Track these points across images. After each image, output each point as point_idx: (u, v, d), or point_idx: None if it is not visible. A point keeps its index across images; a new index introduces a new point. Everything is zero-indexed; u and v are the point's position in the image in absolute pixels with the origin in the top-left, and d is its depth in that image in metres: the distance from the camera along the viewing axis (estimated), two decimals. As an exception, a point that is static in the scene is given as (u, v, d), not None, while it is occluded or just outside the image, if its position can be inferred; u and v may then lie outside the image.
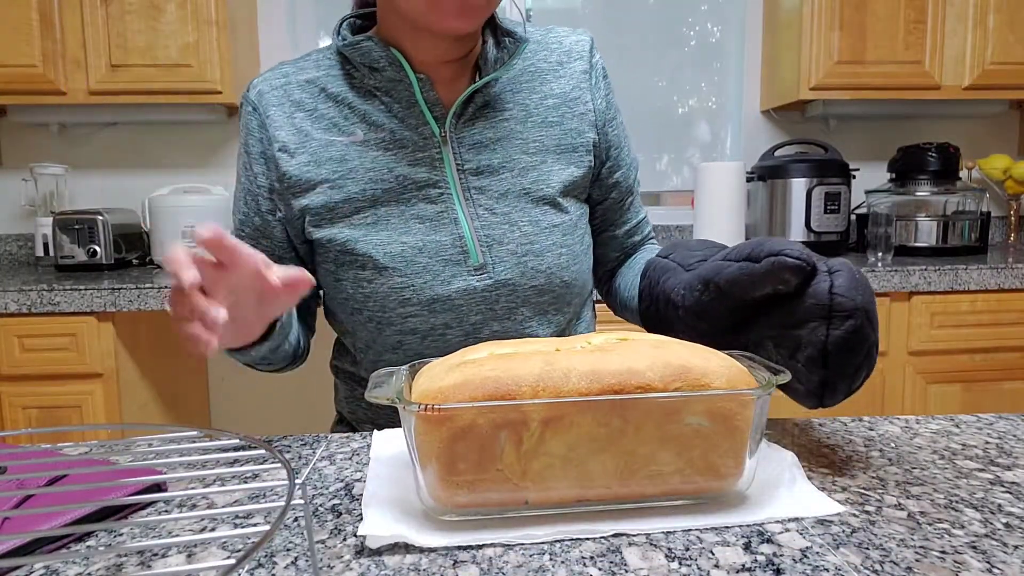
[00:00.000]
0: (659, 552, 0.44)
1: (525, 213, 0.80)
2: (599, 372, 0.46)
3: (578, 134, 0.83)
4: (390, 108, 0.79)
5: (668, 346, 0.50)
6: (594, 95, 0.85)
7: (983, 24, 2.01)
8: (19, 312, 1.63)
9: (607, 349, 0.49)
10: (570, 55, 0.85)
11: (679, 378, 0.46)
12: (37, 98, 1.91)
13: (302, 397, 2.33)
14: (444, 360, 0.52)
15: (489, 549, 0.44)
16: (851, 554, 0.43)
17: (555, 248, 0.80)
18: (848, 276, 0.56)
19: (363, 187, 0.77)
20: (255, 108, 0.81)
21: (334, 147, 0.78)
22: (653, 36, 2.34)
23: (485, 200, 0.79)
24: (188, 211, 1.97)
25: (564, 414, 0.45)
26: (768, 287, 0.58)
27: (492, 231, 0.78)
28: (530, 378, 0.46)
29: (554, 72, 0.84)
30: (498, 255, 0.78)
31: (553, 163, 0.82)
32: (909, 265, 1.78)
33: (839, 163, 2.02)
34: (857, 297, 0.55)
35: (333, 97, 0.80)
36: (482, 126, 0.80)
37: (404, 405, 0.45)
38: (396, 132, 0.78)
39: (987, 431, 0.65)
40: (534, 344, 0.52)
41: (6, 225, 2.27)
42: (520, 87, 0.83)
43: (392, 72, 0.77)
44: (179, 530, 0.49)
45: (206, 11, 1.89)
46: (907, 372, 1.81)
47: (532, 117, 0.82)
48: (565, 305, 0.84)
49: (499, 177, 0.79)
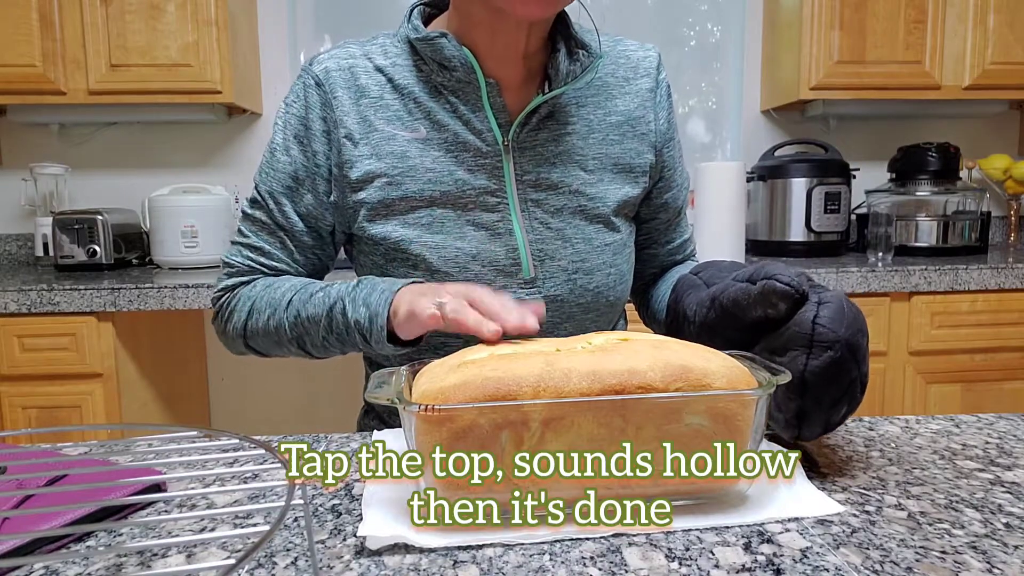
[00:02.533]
0: (659, 552, 0.44)
1: (579, 230, 0.79)
2: (600, 372, 0.46)
3: (637, 154, 0.83)
4: (456, 109, 0.77)
5: (668, 346, 0.50)
6: (657, 115, 0.85)
7: (983, 24, 2.01)
8: (19, 312, 1.63)
9: (608, 349, 0.49)
10: (636, 71, 0.84)
11: (680, 378, 0.46)
12: (37, 98, 1.91)
13: (302, 397, 2.33)
14: (444, 361, 0.52)
15: (489, 549, 0.44)
16: (851, 554, 0.43)
17: (605, 268, 0.81)
18: (835, 308, 0.54)
19: (421, 186, 0.77)
20: (319, 84, 0.78)
21: (396, 141, 0.77)
22: (653, 36, 2.34)
23: (541, 214, 0.78)
24: (188, 211, 1.97)
25: (565, 414, 0.45)
26: (760, 310, 0.58)
27: (546, 246, 0.78)
28: (531, 378, 0.46)
29: (620, 88, 0.83)
30: (549, 270, 0.78)
31: (610, 182, 0.81)
32: (909, 265, 1.78)
33: (839, 163, 2.02)
34: (840, 329, 0.53)
35: (400, 89, 0.78)
36: (544, 138, 0.79)
37: (404, 406, 0.45)
38: (460, 135, 0.77)
39: (987, 431, 0.65)
40: (535, 344, 0.53)
41: (6, 225, 2.27)
42: (586, 101, 0.82)
43: (462, 73, 0.75)
44: (179, 530, 0.49)
45: (206, 11, 1.89)
46: (907, 372, 1.81)
47: (594, 133, 0.81)
48: (606, 323, 0.85)
49: (557, 192, 0.79)
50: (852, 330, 0.54)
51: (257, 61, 2.23)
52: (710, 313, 0.64)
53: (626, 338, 0.52)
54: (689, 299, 0.70)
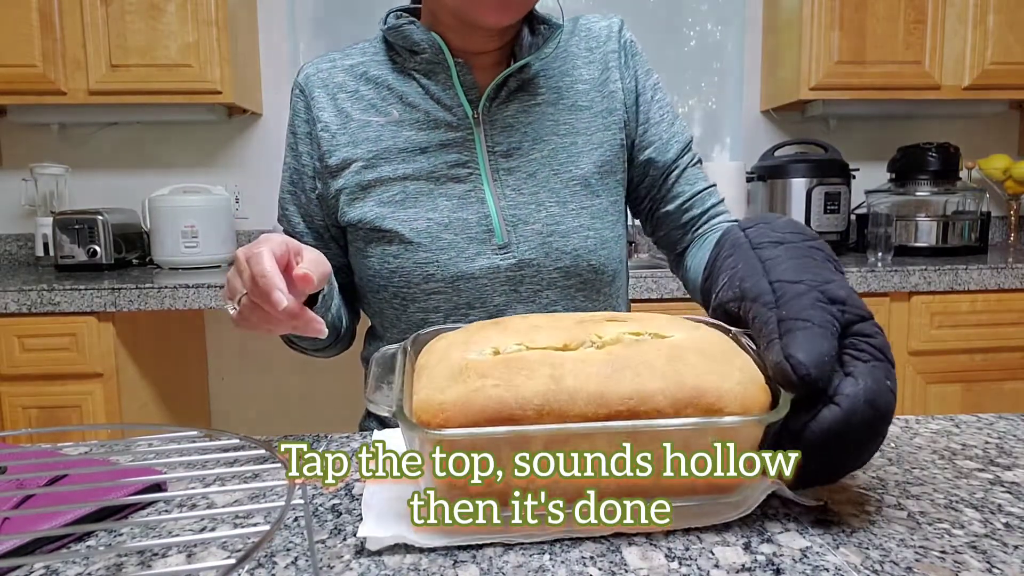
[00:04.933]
0: (659, 552, 0.44)
1: (553, 194, 0.80)
2: (607, 396, 0.44)
3: (608, 113, 0.84)
4: (427, 89, 0.81)
5: (684, 357, 0.47)
6: (623, 73, 0.86)
7: (983, 24, 2.01)
8: (19, 312, 1.63)
9: (620, 358, 0.47)
10: (599, 39, 0.87)
11: (691, 404, 0.44)
12: (37, 98, 1.91)
13: (303, 397, 2.33)
14: (447, 353, 0.49)
15: (489, 549, 0.44)
16: (851, 554, 0.43)
17: (582, 230, 0.81)
18: (839, 421, 0.45)
19: (395, 166, 0.80)
20: (302, 90, 0.84)
21: (370, 128, 0.81)
22: (653, 36, 2.34)
23: (513, 181, 0.80)
24: (188, 211, 1.97)
25: (568, 437, 0.44)
26: (771, 374, 0.50)
27: (518, 211, 0.79)
28: (535, 400, 0.44)
29: (584, 58, 0.86)
30: (522, 234, 0.79)
31: (583, 144, 0.82)
32: (909, 265, 1.78)
33: (839, 163, 2.02)
34: (831, 446, 0.46)
35: (373, 80, 0.83)
36: (515, 109, 0.82)
37: (403, 422, 0.44)
38: (431, 113, 0.80)
39: (987, 431, 0.65)
40: (541, 334, 0.50)
41: (6, 225, 2.27)
42: (553, 71, 0.84)
43: (431, 55, 0.80)
44: (179, 530, 0.49)
45: (206, 11, 1.89)
46: (907, 372, 1.81)
47: (563, 100, 0.83)
48: (594, 293, 0.83)
49: (528, 158, 0.81)
50: (849, 456, 0.46)
51: (257, 61, 2.23)
52: (730, 304, 0.58)
53: (639, 332, 0.50)
54: (728, 262, 0.62)
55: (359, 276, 0.86)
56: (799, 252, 0.56)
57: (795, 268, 0.54)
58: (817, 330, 0.48)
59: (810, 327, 0.48)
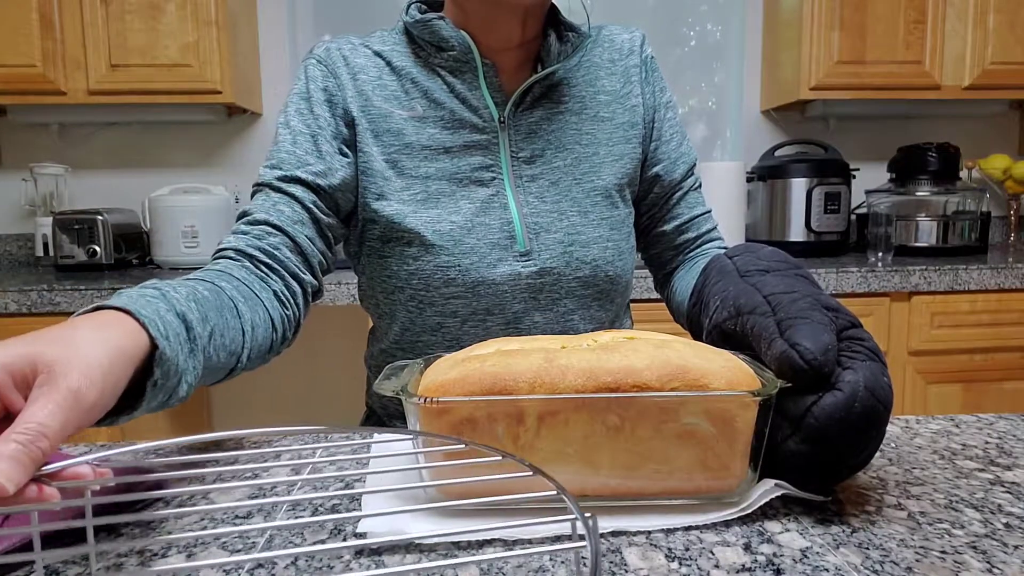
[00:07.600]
0: (659, 552, 0.44)
1: (575, 203, 0.80)
2: (596, 370, 0.46)
3: (630, 127, 0.85)
4: (452, 88, 0.79)
5: (671, 345, 0.50)
6: (643, 88, 0.86)
7: (983, 24, 2.01)
8: (19, 312, 1.63)
9: (611, 348, 0.49)
10: (622, 52, 0.87)
11: (676, 378, 0.46)
12: (37, 98, 1.91)
13: (303, 397, 2.33)
14: (453, 356, 0.53)
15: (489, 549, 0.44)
16: (851, 554, 0.43)
17: (601, 241, 0.81)
18: (841, 406, 0.46)
19: (417, 163, 0.78)
20: (320, 60, 0.80)
21: (392, 119, 0.79)
22: (653, 36, 2.34)
23: (536, 188, 0.80)
24: (188, 211, 1.97)
25: (559, 410, 0.46)
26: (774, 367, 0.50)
27: (540, 219, 0.79)
28: (528, 374, 0.46)
29: (607, 69, 0.86)
30: (544, 243, 0.79)
31: (605, 155, 0.82)
32: (909, 265, 1.78)
33: (839, 163, 2.02)
34: (832, 433, 0.46)
35: (397, 71, 0.80)
36: (539, 116, 0.81)
37: (406, 397, 0.46)
38: (456, 112, 0.79)
39: (987, 431, 0.65)
40: (540, 341, 0.53)
41: (6, 225, 2.27)
42: (577, 81, 0.84)
43: (459, 53, 0.78)
44: (179, 529, 0.49)
45: (206, 11, 1.89)
46: (907, 372, 1.81)
47: (587, 109, 0.83)
48: (609, 302, 0.84)
49: (551, 166, 0.80)
50: (849, 437, 0.47)
51: (257, 61, 2.23)
52: (727, 322, 0.59)
53: (632, 336, 0.52)
54: (717, 287, 0.64)
55: (372, 276, 0.83)
56: (786, 276, 0.59)
57: (786, 284, 0.57)
58: (818, 324, 0.50)
59: (811, 322, 0.50)
